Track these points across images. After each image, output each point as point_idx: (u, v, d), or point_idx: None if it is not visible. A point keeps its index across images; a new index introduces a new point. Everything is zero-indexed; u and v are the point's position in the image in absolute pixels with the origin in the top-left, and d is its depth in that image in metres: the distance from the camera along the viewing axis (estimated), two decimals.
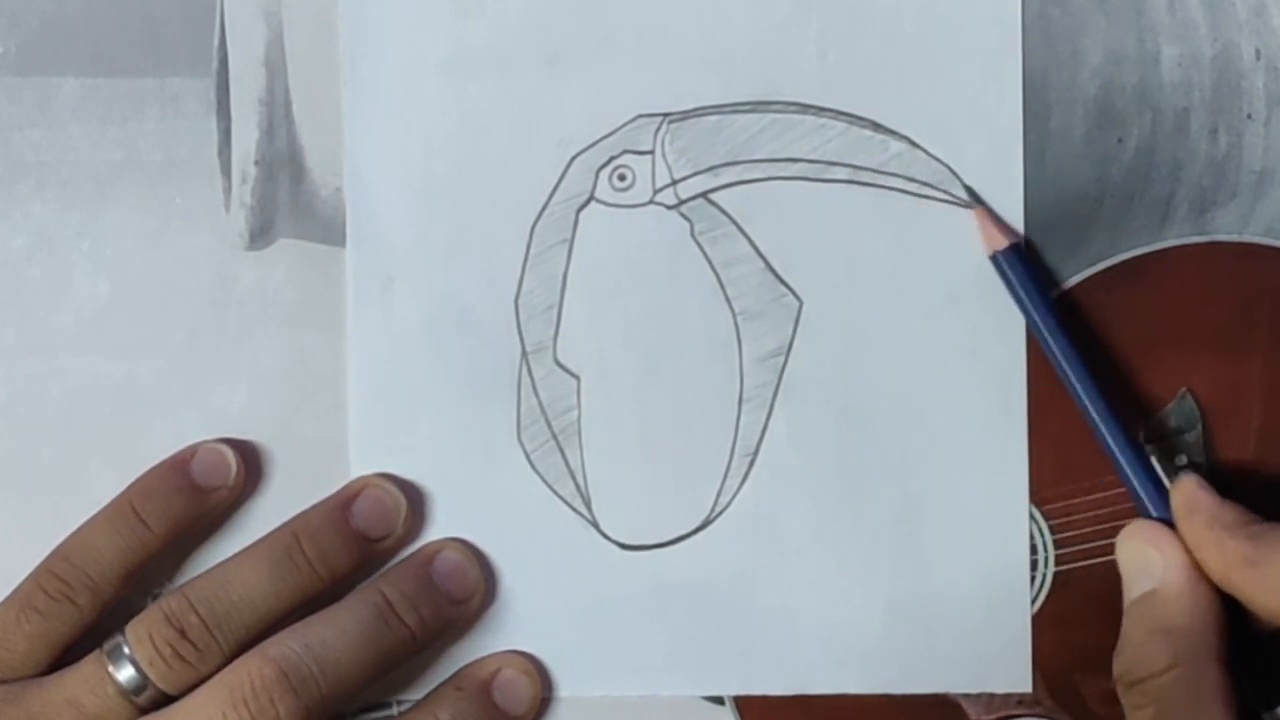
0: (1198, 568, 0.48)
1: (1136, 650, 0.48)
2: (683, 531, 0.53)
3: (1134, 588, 0.50)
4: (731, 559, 0.53)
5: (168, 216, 0.53)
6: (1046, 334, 0.51)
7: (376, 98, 0.53)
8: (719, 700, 0.54)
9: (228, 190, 0.53)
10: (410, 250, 0.53)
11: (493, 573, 0.53)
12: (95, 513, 0.52)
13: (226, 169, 0.53)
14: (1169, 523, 0.50)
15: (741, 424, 0.53)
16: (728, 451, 0.53)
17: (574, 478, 0.53)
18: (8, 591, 0.51)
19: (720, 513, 0.53)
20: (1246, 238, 0.54)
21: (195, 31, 0.53)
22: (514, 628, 0.53)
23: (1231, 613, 0.48)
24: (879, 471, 0.53)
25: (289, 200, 0.53)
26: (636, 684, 0.53)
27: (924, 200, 0.53)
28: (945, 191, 0.53)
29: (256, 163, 0.53)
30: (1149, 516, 0.50)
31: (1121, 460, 0.51)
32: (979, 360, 0.53)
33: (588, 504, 0.53)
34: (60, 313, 0.53)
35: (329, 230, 0.53)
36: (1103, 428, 0.51)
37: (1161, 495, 0.50)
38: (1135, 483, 0.51)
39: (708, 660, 0.53)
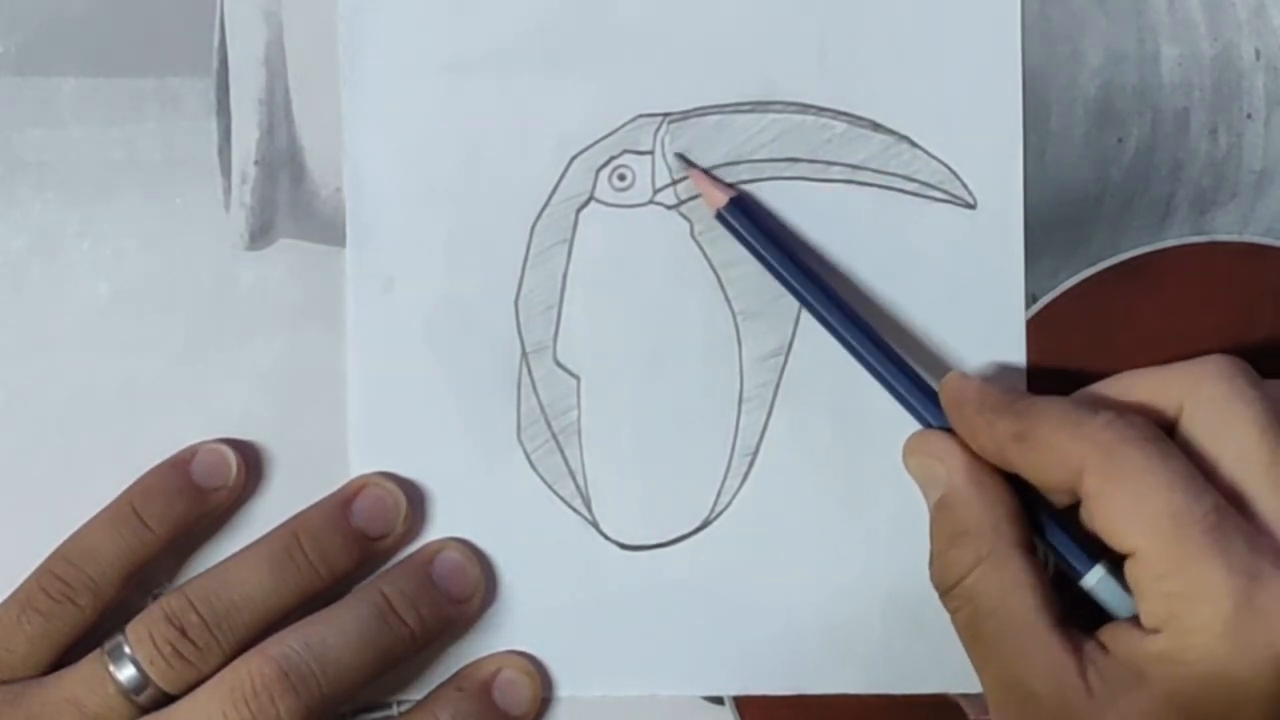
0: (980, 464, 0.49)
1: (940, 558, 0.49)
2: (683, 531, 0.53)
3: (928, 498, 0.50)
4: (731, 559, 0.53)
5: (168, 216, 0.53)
6: (787, 275, 0.51)
7: (376, 98, 0.53)
8: (719, 700, 0.54)
9: (228, 190, 0.53)
10: (410, 250, 0.53)
11: (493, 573, 0.53)
12: (96, 513, 0.52)
13: (226, 169, 0.53)
14: (948, 430, 0.50)
15: (741, 424, 0.53)
16: (728, 451, 0.53)
17: (574, 478, 0.53)
18: (8, 592, 0.51)
19: (720, 513, 0.53)
20: (1246, 238, 0.54)
21: (195, 31, 0.53)
22: (514, 628, 0.53)
23: (1027, 494, 0.49)
24: (879, 471, 0.53)
25: (289, 200, 0.53)
26: (636, 684, 0.53)
27: (924, 200, 0.53)
28: (945, 191, 0.53)
29: (256, 163, 0.53)
30: (928, 427, 0.51)
31: (886, 376, 0.51)
32: (978, 359, 0.53)
33: (588, 504, 0.53)
34: (60, 313, 0.53)
35: (329, 230, 0.53)
36: (859, 348, 0.51)
37: (935, 404, 0.50)
38: (906, 395, 0.51)
39: (708, 660, 0.53)
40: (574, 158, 0.53)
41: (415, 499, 0.53)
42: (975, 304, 0.53)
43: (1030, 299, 0.53)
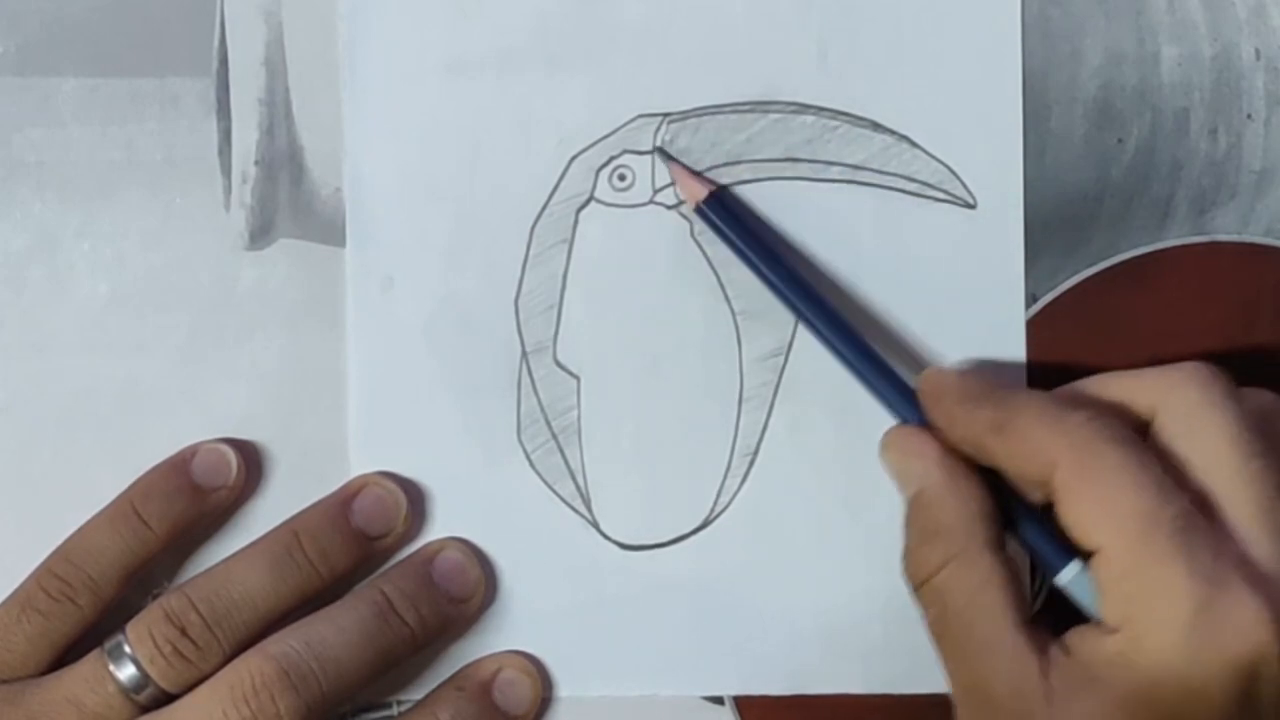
0: (954, 462, 0.49)
1: (912, 554, 0.49)
2: (683, 531, 0.53)
3: (904, 493, 0.50)
4: (731, 559, 0.53)
5: (168, 216, 0.53)
6: (765, 269, 0.51)
7: (376, 98, 0.53)
8: (719, 700, 0.54)
9: (228, 190, 0.53)
10: (410, 250, 0.53)
11: (493, 573, 0.53)
12: (96, 513, 0.52)
13: (226, 169, 0.53)
14: (924, 426, 0.50)
15: (741, 424, 0.53)
16: (728, 451, 0.53)
17: (574, 478, 0.53)
18: (8, 591, 0.51)
19: (720, 513, 0.53)
20: (1246, 238, 0.54)
21: (195, 31, 0.53)
22: (514, 628, 0.53)
23: (1002, 493, 0.48)
24: (879, 471, 0.53)
25: (289, 200, 0.53)
26: (636, 684, 0.53)
27: (924, 200, 0.53)
28: (945, 191, 0.53)
29: (256, 163, 0.53)
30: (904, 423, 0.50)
31: (863, 371, 0.51)
32: (978, 360, 0.53)
33: (588, 504, 0.53)
34: (60, 313, 0.53)
35: (329, 230, 0.53)
36: (836, 343, 0.51)
37: (911, 399, 0.50)
38: (882, 389, 0.51)
39: (708, 660, 0.53)
40: (574, 158, 0.53)
41: (415, 499, 0.53)
42: (975, 304, 0.53)
43: (1030, 299, 0.53)
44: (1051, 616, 0.48)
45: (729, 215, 0.52)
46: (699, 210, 0.52)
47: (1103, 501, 0.45)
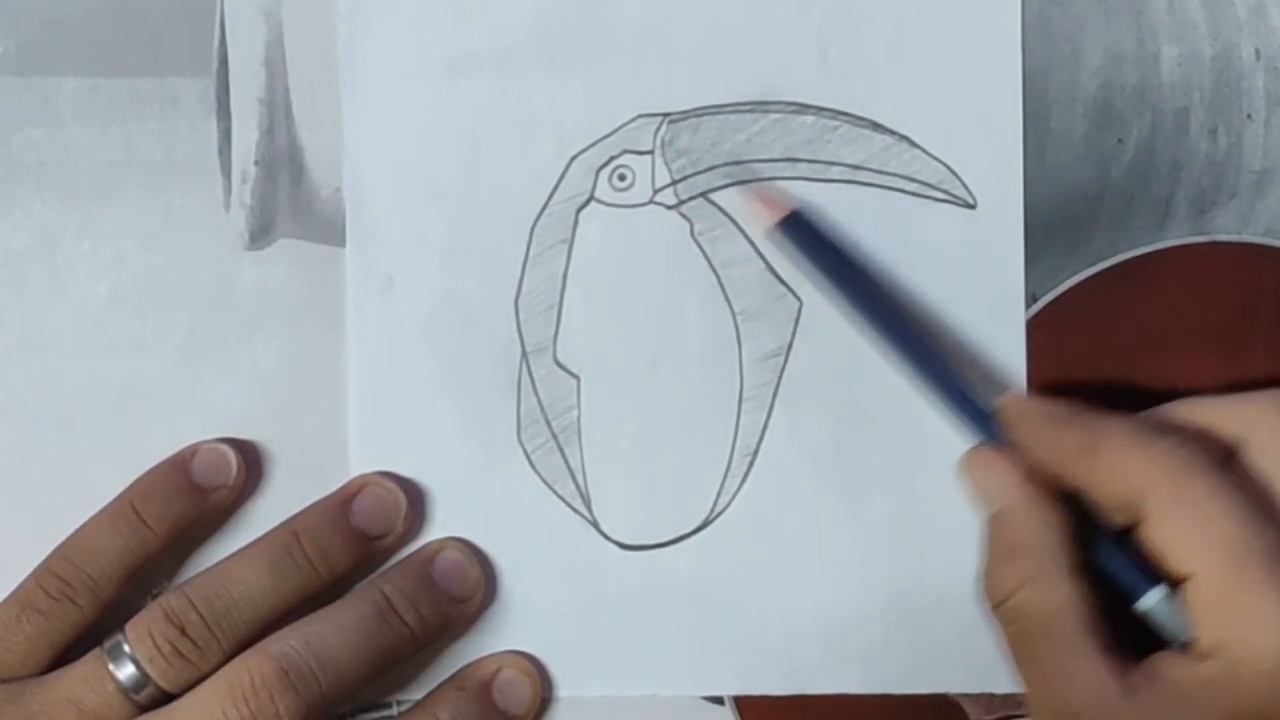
0: (1035, 484, 0.49)
1: (991, 574, 0.49)
2: (683, 531, 0.53)
3: (982, 514, 0.50)
4: (731, 559, 0.53)
5: (168, 216, 0.53)
6: (848, 290, 0.51)
7: (376, 98, 0.53)
8: (719, 700, 0.54)
9: (228, 190, 0.53)
10: (410, 250, 0.53)
11: (493, 573, 0.53)
12: (96, 513, 0.52)
13: (226, 169, 0.53)
14: (1004, 447, 0.50)
15: (741, 424, 0.53)
16: (728, 451, 0.53)
17: (574, 478, 0.53)
18: (8, 591, 0.51)
19: (720, 513, 0.53)
20: (1246, 238, 0.54)
21: (195, 31, 0.53)
22: (514, 628, 0.53)
23: (1083, 518, 0.48)
24: (879, 471, 0.53)
25: (289, 200, 0.53)
26: (636, 684, 0.53)
27: (924, 200, 0.53)
28: (945, 191, 0.53)
29: (256, 163, 0.53)
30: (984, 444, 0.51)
31: (944, 393, 0.51)
32: (978, 359, 0.53)
33: (588, 504, 0.53)
34: (60, 313, 0.53)
35: (329, 230, 0.53)
36: (917, 366, 0.51)
37: (988, 422, 0.50)
38: (961, 413, 0.51)
39: (708, 660, 0.53)
40: (574, 158, 0.53)
41: (415, 499, 0.53)
42: (975, 304, 0.53)
43: (1030, 299, 0.53)
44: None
45: (808, 234, 0.52)
46: (776, 232, 0.52)
47: (1196, 528, 0.46)
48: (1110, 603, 0.48)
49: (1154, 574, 0.47)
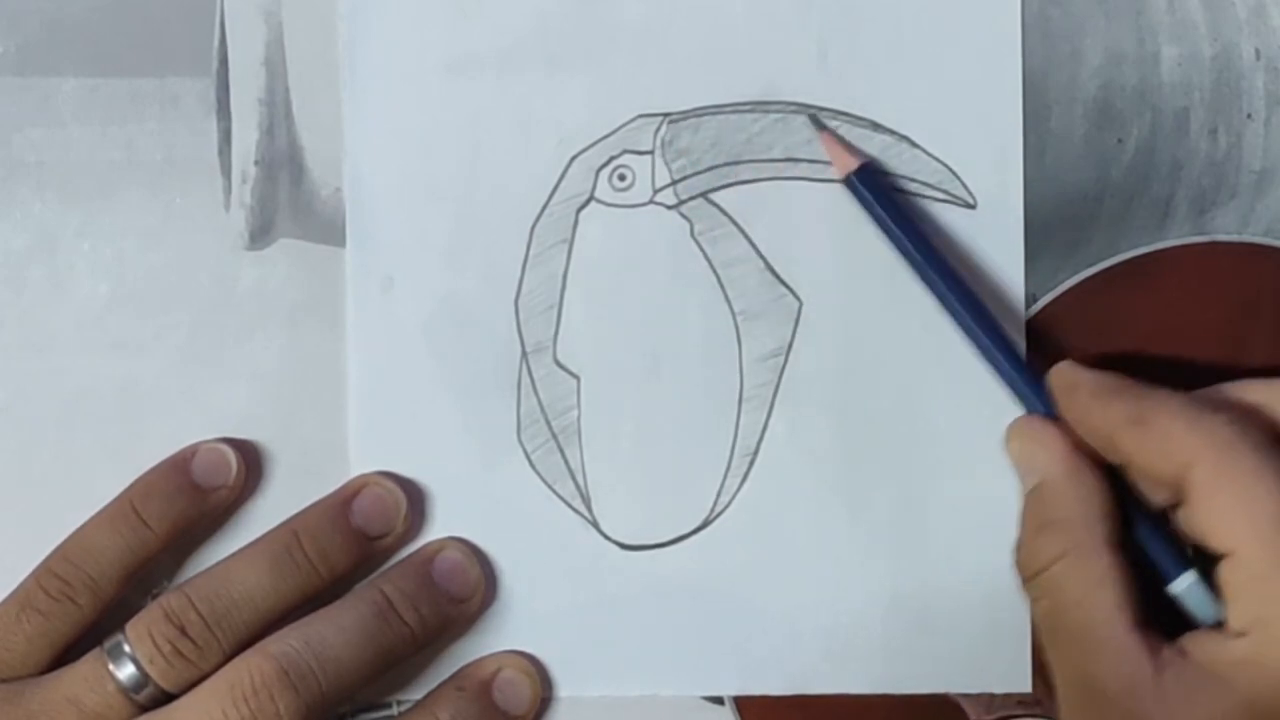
0: (1080, 457, 0.49)
1: (1027, 545, 0.49)
2: (683, 531, 0.53)
3: (1024, 484, 0.50)
4: (731, 559, 0.53)
5: (168, 216, 0.53)
6: (910, 247, 0.51)
7: (376, 98, 0.53)
8: (719, 700, 0.54)
9: (228, 190, 0.53)
10: (410, 250, 0.53)
11: (493, 572, 0.53)
12: (96, 513, 0.52)
13: (226, 169, 0.53)
14: (1051, 418, 0.50)
15: (741, 424, 0.53)
16: (728, 451, 0.53)
17: (574, 478, 0.53)
18: (8, 591, 0.51)
19: (720, 513, 0.53)
20: (1246, 238, 0.54)
21: (195, 31, 0.53)
22: (514, 628, 0.53)
23: (1123, 493, 0.48)
24: (879, 471, 0.53)
25: (289, 200, 0.53)
26: (636, 684, 0.53)
27: (924, 200, 0.53)
28: (945, 191, 0.53)
29: (256, 163, 0.53)
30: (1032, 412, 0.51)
31: (998, 358, 0.51)
32: (978, 359, 0.53)
33: (588, 504, 0.53)
34: (60, 313, 0.53)
35: (329, 230, 0.53)
36: (975, 329, 0.51)
37: (1040, 391, 0.50)
38: (1013, 379, 0.51)
39: (708, 660, 0.53)
40: (574, 158, 0.53)
41: (415, 498, 0.53)
42: None
43: (1030, 299, 0.53)
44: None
45: (877, 190, 0.52)
46: (848, 182, 0.52)
47: (1240, 504, 0.46)
48: (1142, 581, 0.47)
49: (1189, 556, 0.47)
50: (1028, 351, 0.53)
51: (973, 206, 0.53)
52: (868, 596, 0.53)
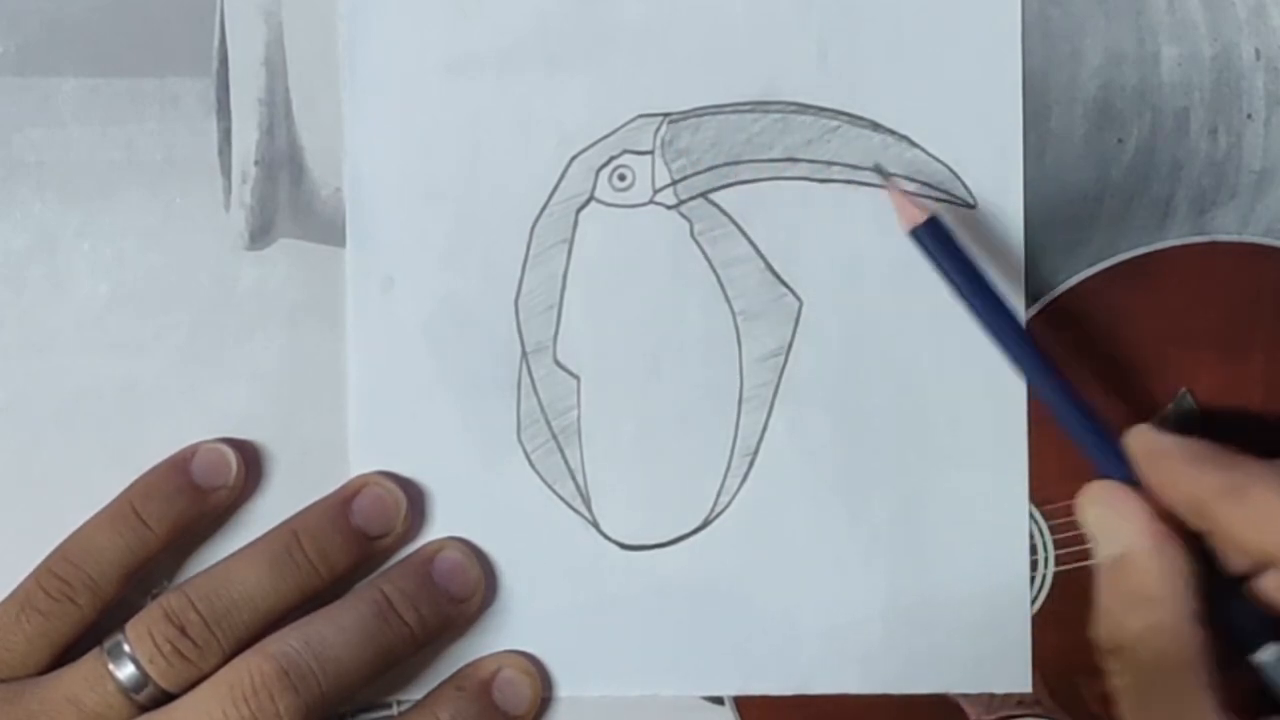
0: (1163, 527, 0.47)
1: (1111, 618, 0.48)
2: (683, 531, 0.53)
3: (1102, 552, 0.48)
4: (731, 559, 0.53)
5: (168, 216, 0.53)
6: (979, 303, 0.50)
7: (376, 98, 0.53)
8: (719, 700, 0.54)
9: (228, 190, 0.53)
10: (410, 250, 0.53)
11: (493, 572, 0.53)
12: (96, 513, 0.52)
13: (226, 169, 0.53)
14: (1130, 484, 0.49)
15: (741, 424, 0.53)
16: (728, 451, 0.53)
17: (574, 478, 0.53)
18: (8, 591, 0.51)
19: (720, 513, 0.53)
20: (1246, 238, 0.54)
21: (195, 31, 0.53)
22: (514, 628, 0.53)
23: (1204, 561, 0.47)
24: (879, 471, 0.53)
25: (289, 200, 0.53)
26: (636, 684, 0.53)
27: (924, 200, 0.53)
28: (945, 191, 0.53)
29: (256, 163, 0.53)
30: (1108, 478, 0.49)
31: (1068, 418, 0.49)
32: (979, 360, 0.53)
33: (588, 504, 0.53)
34: (60, 313, 0.53)
35: (329, 230, 0.53)
36: (1047, 389, 0.50)
37: (1117, 455, 0.49)
38: (1089, 443, 0.49)
39: (708, 660, 0.53)
40: (574, 158, 0.53)
41: (415, 498, 0.53)
42: None
43: (1030, 299, 0.53)
44: None
45: (942, 243, 0.51)
46: (915, 235, 0.51)
47: None
48: (1220, 649, 0.46)
49: (1273, 627, 0.47)
50: None
51: (973, 206, 0.53)
52: (868, 596, 0.53)
